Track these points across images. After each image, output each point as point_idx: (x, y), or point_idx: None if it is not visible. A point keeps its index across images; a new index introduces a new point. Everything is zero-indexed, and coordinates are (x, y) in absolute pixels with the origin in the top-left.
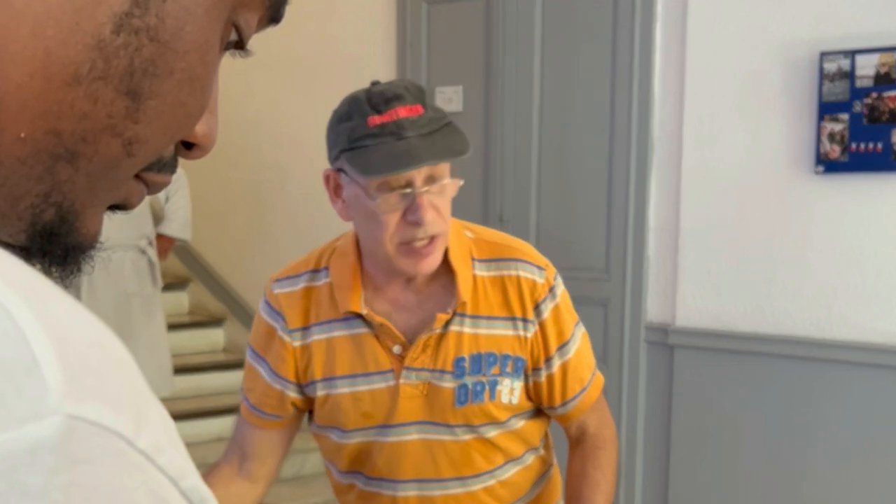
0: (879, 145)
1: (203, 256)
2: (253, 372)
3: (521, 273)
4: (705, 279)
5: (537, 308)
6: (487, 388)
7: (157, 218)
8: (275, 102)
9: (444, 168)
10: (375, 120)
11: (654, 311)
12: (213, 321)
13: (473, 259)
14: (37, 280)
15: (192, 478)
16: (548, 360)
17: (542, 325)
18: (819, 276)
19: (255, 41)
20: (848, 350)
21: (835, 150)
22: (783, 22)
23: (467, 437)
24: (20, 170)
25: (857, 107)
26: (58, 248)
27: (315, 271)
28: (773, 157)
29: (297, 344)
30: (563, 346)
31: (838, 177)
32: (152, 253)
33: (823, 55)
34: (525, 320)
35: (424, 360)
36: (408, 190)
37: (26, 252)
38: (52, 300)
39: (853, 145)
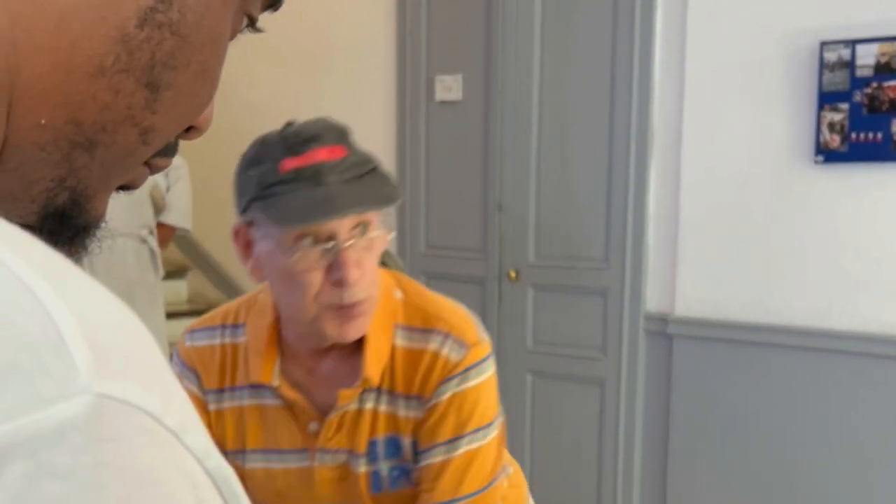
0: (879, 135)
1: (202, 245)
2: None
3: (437, 348)
4: (705, 269)
5: (439, 386)
6: (404, 474)
7: (158, 207)
8: (275, 90)
9: (372, 219)
10: (290, 163)
11: (653, 300)
12: (212, 310)
13: (397, 326)
14: (58, 260)
15: (216, 457)
16: (430, 448)
17: (434, 408)
18: (819, 265)
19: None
20: (847, 340)
21: (834, 140)
22: (784, 11)
23: None
24: (38, 155)
25: (857, 96)
26: (68, 230)
27: (234, 326)
28: (772, 147)
29: (211, 408)
30: (454, 441)
31: (838, 167)
32: (153, 242)
33: (824, 45)
34: (420, 398)
35: (340, 439)
36: (330, 244)
37: (35, 231)
38: (73, 280)
39: (853, 135)
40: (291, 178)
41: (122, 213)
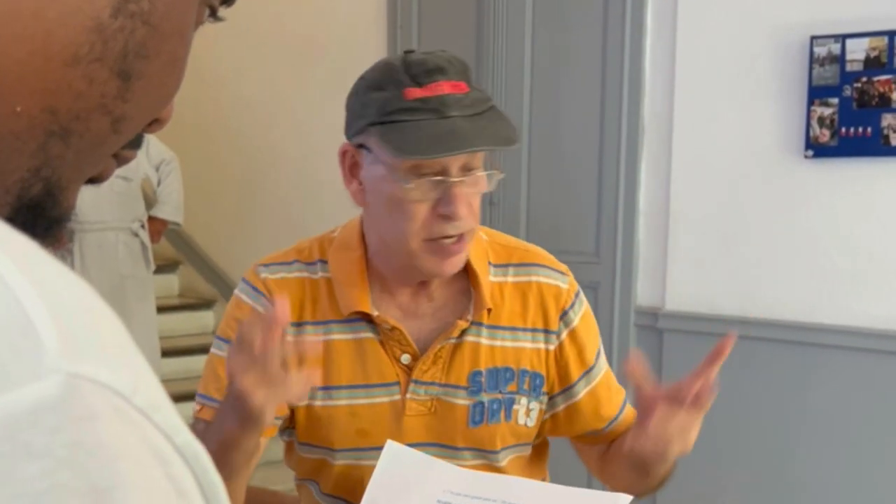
0: (869, 130)
1: (193, 239)
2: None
3: (543, 279)
4: (695, 263)
5: (564, 316)
6: (504, 406)
7: (150, 201)
8: (266, 84)
9: (479, 158)
10: (414, 93)
11: (643, 294)
12: (203, 303)
13: (490, 263)
14: (25, 243)
15: (185, 434)
16: (588, 370)
17: (572, 334)
18: (809, 260)
19: (250, 24)
20: (838, 334)
21: (824, 135)
22: (774, 6)
23: (475, 462)
24: (13, 144)
25: (847, 91)
26: (42, 222)
27: (309, 263)
28: (763, 142)
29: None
30: (598, 355)
31: (828, 161)
32: (145, 235)
33: (814, 39)
34: (547, 331)
35: (435, 372)
36: (440, 178)
37: (10, 224)
38: (41, 262)
39: (843, 130)
40: (415, 107)
41: (115, 206)
